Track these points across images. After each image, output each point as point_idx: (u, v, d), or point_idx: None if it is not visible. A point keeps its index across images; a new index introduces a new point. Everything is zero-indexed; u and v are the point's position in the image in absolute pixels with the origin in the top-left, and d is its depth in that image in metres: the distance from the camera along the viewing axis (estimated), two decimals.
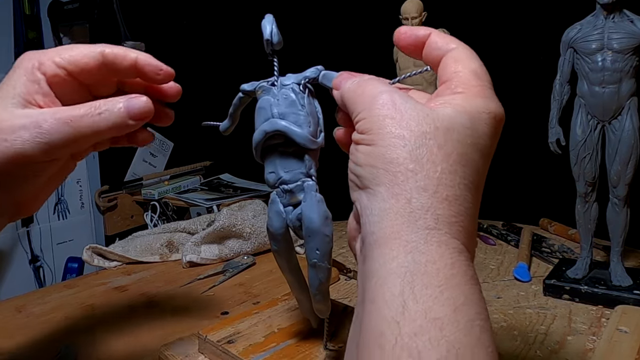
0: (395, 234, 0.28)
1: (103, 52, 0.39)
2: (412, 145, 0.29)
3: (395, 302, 0.26)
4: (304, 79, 0.39)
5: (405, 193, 0.28)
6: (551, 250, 0.79)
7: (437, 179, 0.28)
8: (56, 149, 0.36)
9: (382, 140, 0.30)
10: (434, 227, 0.28)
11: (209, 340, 0.50)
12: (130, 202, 1.51)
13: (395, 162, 0.29)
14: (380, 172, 0.29)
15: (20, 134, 0.35)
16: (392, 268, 0.27)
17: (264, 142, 0.39)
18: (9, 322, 0.65)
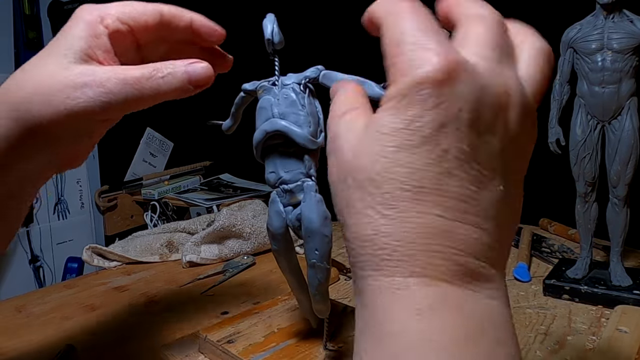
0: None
1: (162, 11, 0.39)
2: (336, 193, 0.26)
3: None
4: (305, 79, 0.39)
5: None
6: (551, 250, 0.79)
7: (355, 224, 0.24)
8: (117, 110, 0.36)
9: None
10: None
11: (209, 340, 0.50)
12: (130, 202, 1.51)
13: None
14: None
15: (85, 91, 0.34)
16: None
17: (264, 141, 0.39)
18: (9, 322, 0.65)
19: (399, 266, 0.23)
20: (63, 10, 1.61)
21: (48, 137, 0.36)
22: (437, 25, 0.26)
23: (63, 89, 0.34)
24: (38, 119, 0.34)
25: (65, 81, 0.34)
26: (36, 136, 0.35)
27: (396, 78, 0.25)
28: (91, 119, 0.35)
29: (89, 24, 0.36)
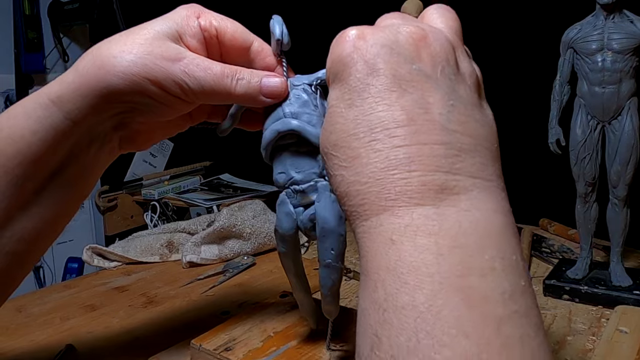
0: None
1: (252, 43, 0.41)
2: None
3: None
4: (316, 80, 0.39)
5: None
6: (551, 251, 0.79)
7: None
8: (191, 93, 0.38)
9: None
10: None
11: (204, 349, 0.50)
12: (130, 202, 1.51)
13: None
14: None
15: (173, 65, 0.37)
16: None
17: (275, 142, 0.39)
18: (9, 322, 0.65)
19: (371, 208, 0.26)
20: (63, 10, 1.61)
21: (122, 101, 0.38)
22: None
23: (155, 56, 0.37)
24: (121, 77, 0.36)
25: (160, 53, 0.37)
26: (112, 98, 0.37)
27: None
28: (168, 92, 0.37)
29: (187, 14, 0.39)
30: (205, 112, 0.46)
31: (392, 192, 0.25)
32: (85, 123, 0.38)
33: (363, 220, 0.26)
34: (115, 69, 0.36)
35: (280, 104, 0.39)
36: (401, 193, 0.25)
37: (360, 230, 0.27)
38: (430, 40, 0.29)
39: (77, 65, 0.38)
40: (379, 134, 0.26)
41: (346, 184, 0.27)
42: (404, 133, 0.26)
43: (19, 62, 1.57)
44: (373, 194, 0.26)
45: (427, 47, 0.28)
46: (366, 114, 0.27)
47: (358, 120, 0.27)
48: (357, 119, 0.27)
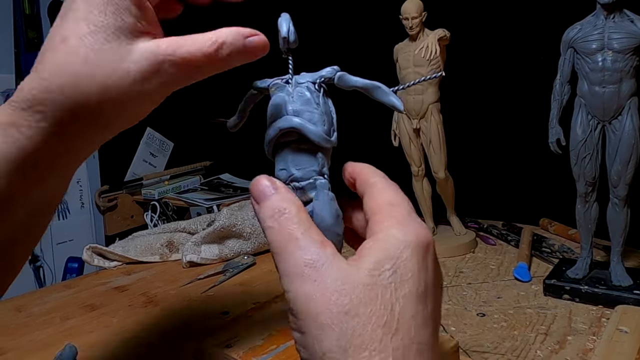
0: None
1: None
2: (338, 334, 0.26)
3: None
4: (320, 78, 0.39)
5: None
6: (551, 250, 0.79)
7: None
8: (176, 88, 0.34)
9: (309, 328, 0.26)
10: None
11: (206, 345, 0.50)
12: (130, 202, 1.51)
13: (328, 356, 0.26)
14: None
15: (151, 81, 0.32)
16: None
17: (277, 138, 0.39)
18: (9, 322, 0.65)
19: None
20: None
21: (99, 119, 0.33)
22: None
23: (129, 82, 0.31)
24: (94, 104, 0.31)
25: (131, 76, 0.31)
26: (86, 118, 0.32)
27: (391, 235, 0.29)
28: (153, 102, 0.34)
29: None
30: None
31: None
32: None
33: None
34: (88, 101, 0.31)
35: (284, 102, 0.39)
36: None
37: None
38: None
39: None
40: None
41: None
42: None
43: (19, 62, 1.57)
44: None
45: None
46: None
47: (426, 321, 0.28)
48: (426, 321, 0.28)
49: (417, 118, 0.80)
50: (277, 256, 0.30)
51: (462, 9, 1.01)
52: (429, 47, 0.76)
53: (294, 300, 0.27)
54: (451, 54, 0.80)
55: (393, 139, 0.86)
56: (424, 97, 0.79)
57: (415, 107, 0.80)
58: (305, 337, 0.27)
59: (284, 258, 0.29)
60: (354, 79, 0.40)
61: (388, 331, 0.26)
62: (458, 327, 0.58)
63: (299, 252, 0.28)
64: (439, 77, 0.37)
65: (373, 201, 0.32)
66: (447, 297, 0.65)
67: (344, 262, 0.28)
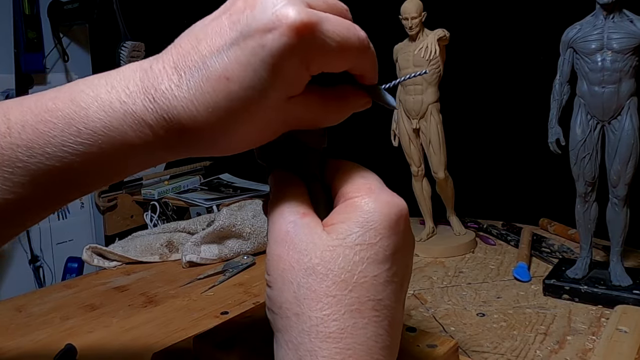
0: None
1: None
2: (296, 287, 0.28)
3: None
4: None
5: (293, 339, 0.28)
6: (551, 250, 0.79)
7: (318, 319, 0.27)
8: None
9: (275, 283, 0.29)
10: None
11: (205, 345, 0.50)
12: (130, 202, 1.51)
13: (285, 307, 0.28)
14: (276, 317, 0.29)
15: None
16: None
17: None
18: (9, 322, 0.65)
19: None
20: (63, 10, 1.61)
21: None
22: None
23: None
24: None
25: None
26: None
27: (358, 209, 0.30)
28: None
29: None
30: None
31: None
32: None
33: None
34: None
35: None
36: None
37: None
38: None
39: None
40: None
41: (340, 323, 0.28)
42: None
43: (19, 62, 1.57)
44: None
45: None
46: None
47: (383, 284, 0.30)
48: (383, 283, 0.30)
49: (416, 118, 0.80)
50: (268, 227, 0.32)
51: (462, 9, 1.01)
52: (428, 47, 0.76)
53: (269, 260, 0.30)
54: (451, 54, 0.80)
55: (393, 139, 0.86)
56: (423, 97, 0.79)
57: (415, 107, 0.80)
58: (272, 290, 0.30)
59: (271, 229, 0.31)
60: None
61: (344, 288, 0.28)
62: (458, 327, 0.58)
63: (282, 221, 0.31)
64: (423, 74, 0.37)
65: (344, 175, 0.33)
66: (447, 297, 0.66)
67: (319, 228, 0.30)
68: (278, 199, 0.32)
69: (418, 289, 0.68)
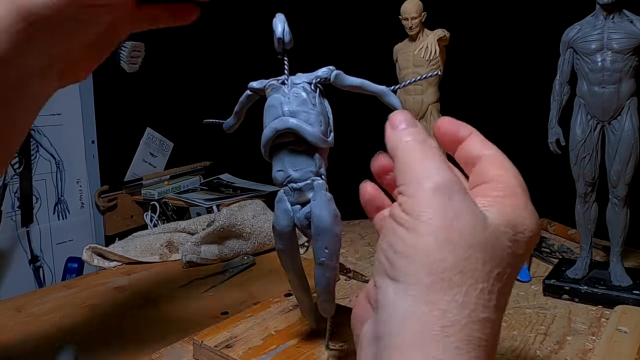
0: (421, 344, 0.25)
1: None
2: (461, 255, 0.26)
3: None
4: (316, 79, 0.39)
5: (441, 304, 0.26)
6: (551, 250, 0.79)
7: (476, 298, 0.26)
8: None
9: (428, 234, 0.27)
10: (464, 348, 0.25)
11: (206, 345, 0.50)
12: (130, 202, 1.51)
13: (440, 267, 0.26)
14: (419, 270, 0.26)
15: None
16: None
17: (273, 139, 0.39)
18: (8, 322, 0.65)
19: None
20: None
21: (45, 27, 0.37)
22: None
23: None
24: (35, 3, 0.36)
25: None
26: (33, 25, 0.37)
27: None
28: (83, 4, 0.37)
29: None
30: (126, 20, 0.45)
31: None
32: (13, 63, 0.38)
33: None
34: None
35: (280, 103, 0.39)
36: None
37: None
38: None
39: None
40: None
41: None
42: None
43: None
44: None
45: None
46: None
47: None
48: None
49: (416, 118, 0.80)
50: (410, 161, 0.30)
51: (462, 9, 1.01)
52: (428, 48, 0.76)
53: (416, 204, 0.28)
54: (451, 54, 0.80)
55: None
56: (423, 97, 0.79)
57: (415, 107, 0.80)
58: (415, 236, 0.27)
59: (417, 167, 0.29)
60: (350, 78, 0.40)
61: (499, 280, 0.27)
62: None
63: (436, 168, 0.29)
64: (434, 75, 0.37)
65: (497, 168, 0.32)
66: None
67: (471, 198, 0.29)
68: (426, 143, 0.31)
69: None
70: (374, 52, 0.86)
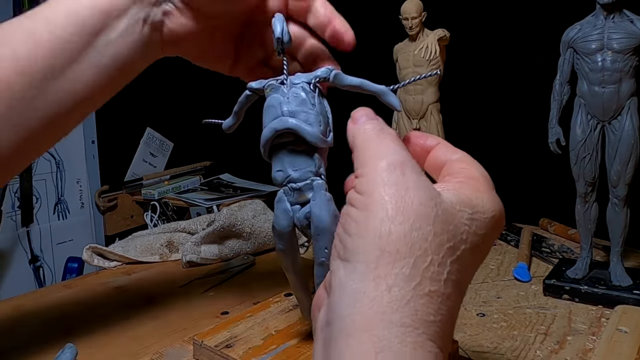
0: (367, 325, 0.25)
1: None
2: (409, 227, 0.26)
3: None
4: (315, 79, 0.39)
5: (388, 278, 0.25)
6: (551, 250, 0.79)
7: (424, 270, 0.25)
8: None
9: (378, 209, 0.26)
10: (410, 324, 0.25)
11: (206, 345, 0.50)
12: (130, 202, 1.51)
13: (388, 240, 0.26)
14: (369, 247, 0.26)
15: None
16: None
17: (272, 140, 0.39)
18: (8, 322, 0.65)
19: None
20: None
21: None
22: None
23: None
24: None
25: None
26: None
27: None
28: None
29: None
30: (253, 60, 0.49)
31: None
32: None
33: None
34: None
35: (279, 103, 0.39)
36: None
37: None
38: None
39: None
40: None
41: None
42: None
43: None
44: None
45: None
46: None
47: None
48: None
49: (417, 118, 0.80)
50: (367, 146, 0.30)
51: (462, 9, 1.01)
52: (428, 47, 0.76)
53: (369, 183, 0.28)
54: (451, 54, 0.80)
55: None
56: (423, 97, 0.79)
57: (415, 107, 0.80)
58: (365, 213, 0.27)
59: (373, 150, 0.30)
60: (349, 78, 0.40)
61: (451, 254, 0.26)
62: (458, 327, 0.58)
63: (390, 149, 0.29)
64: (434, 75, 0.37)
65: (462, 163, 0.32)
66: None
67: (425, 178, 0.29)
68: (383, 130, 0.31)
69: None
70: (374, 52, 0.86)
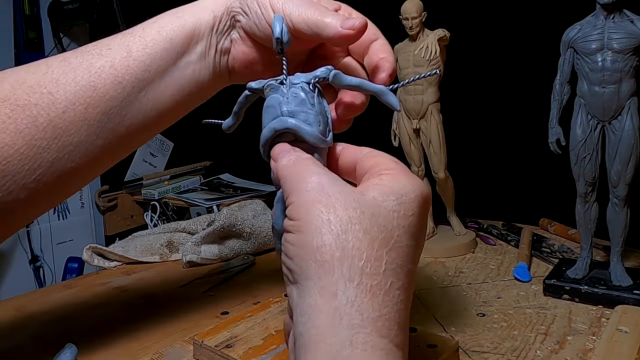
0: (320, 336, 0.26)
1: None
2: (338, 231, 0.27)
3: None
4: (314, 79, 0.39)
5: (330, 286, 0.26)
6: (551, 250, 0.79)
7: (362, 268, 0.26)
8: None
9: (308, 227, 0.28)
10: (358, 325, 0.25)
11: (206, 345, 0.50)
12: (130, 202, 1.51)
13: (322, 250, 0.27)
14: (308, 263, 0.27)
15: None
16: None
17: (272, 140, 0.39)
18: (9, 322, 0.65)
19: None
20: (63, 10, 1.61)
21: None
22: None
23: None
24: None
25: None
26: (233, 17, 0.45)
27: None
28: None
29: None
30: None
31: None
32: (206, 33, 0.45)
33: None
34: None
35: (278, 103, 0.39)
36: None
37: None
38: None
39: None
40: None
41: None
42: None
43: (19, 62, 1.58)
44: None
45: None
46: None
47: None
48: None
49: (417, 118, 0.80)
50: (288, 177, 0.32)
51: (462, 9, 1.01)
52: (428, 47, 0.76)
53: (296, 207, 0.29)
54: (451, 54, 0.80)
55: (393, 139, 0.86)
56: (423, 97, 0.79)
57: (415, 107, 0.80)
58: (299, 235, 0.28)
59: (294, 179, 0.31)
60: (348, 77, 0.40)
61: (384, 245, 0.28)
62: (458, 327, 0.58)
63: (309, 172, 0.31)
64: (433, 74, 0.37)
65: (372, 156, 0.34)
66: (447, 297, 0.66)
67: (350, 187, 0.30)
68: (299, 158, 0.33)
69: (418, 289, 0.68)
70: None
